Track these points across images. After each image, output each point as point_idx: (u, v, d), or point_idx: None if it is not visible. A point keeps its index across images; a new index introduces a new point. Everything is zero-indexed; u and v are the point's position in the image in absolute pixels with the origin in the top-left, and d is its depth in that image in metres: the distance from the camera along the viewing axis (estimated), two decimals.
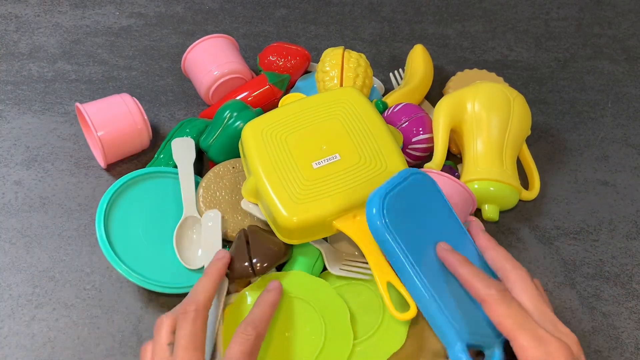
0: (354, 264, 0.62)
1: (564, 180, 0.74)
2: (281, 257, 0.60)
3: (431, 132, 0.70)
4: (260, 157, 0.62)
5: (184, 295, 0.60)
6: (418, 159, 0.71)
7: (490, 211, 0.68)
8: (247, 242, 0.60)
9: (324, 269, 0.64)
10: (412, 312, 0.54)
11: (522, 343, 0.46)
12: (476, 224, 0.58)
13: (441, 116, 0.69)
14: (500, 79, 0.81)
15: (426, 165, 0.67)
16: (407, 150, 0.70)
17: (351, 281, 0.61)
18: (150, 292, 0.63)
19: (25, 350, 0.59)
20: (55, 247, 0.66)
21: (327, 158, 0.61)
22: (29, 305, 0.62)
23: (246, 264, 0.58)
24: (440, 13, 0.95)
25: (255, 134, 0.63)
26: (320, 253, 0.62)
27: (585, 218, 0.71)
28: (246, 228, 0.62)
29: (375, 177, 0.60)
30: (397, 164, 0.61)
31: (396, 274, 0.55)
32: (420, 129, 0.69)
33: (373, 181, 0.59)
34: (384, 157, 0.61)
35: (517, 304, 0.49)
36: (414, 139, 0.69)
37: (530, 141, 0.78)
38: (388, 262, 0.56)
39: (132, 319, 0.61)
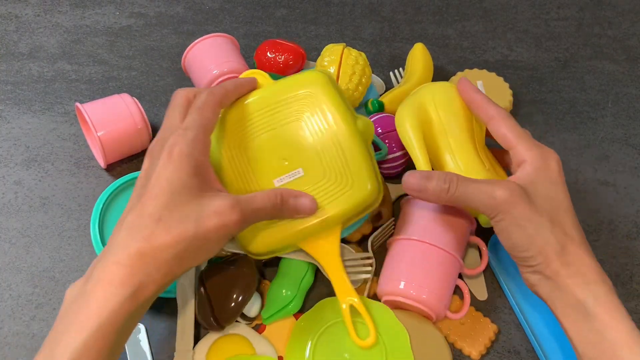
0: (352, 262, 0.61)
1: None
2: (250, 293, 0.56)
3: (400, 150, 0.68)
4: (223, 174, 0.56)
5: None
6: (391, 175, 0.70)
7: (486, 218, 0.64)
8: (207, 294, 0.56)
9: (314, 283, 0.62)
10: (371, 339, 0.54)
11: (520, 148, 0.54)
12: (470, 85, 0.60)
13: (407, 122, 0.61)
14: (501, 79, 0.81)
15: (409, 172, 0.57)
16: (381, 167, 0.68)
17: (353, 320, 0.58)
18: None
19: (25, 350, 0.59)
20: (55, 247, 0.66)
21: (290, 174, 0.55)
22: (29, 305, 0.62)
23: (211, 319, 0.56)
24: (440, 13, 0.95)
25: (213, 143, 0.56)
26: (309, 269, 0.61)
27: (585, 218, 0.71)
28: (201, 275, 0.58)
29: (340, 198, 0.54)
30: (364, 182, 0.55)
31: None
32: (394, 145, 0.67)
33: (337, 202, 0.54)
34: (351, 173, 0.55)
35: (517, 126, 0.56)
36: (389, 156, 0.67)
37: None
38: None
39: None
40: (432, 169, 0.60)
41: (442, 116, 0.61)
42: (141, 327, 0.59)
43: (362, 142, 0.56)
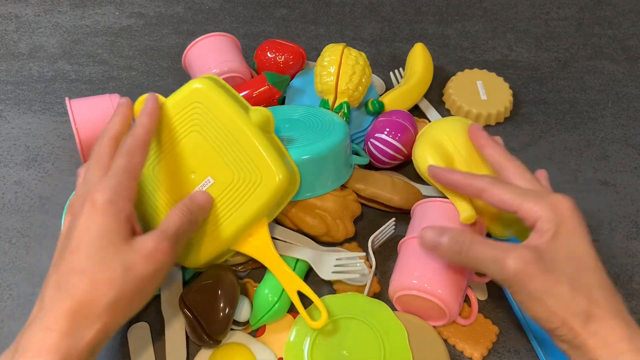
0: (345, 262, 0.61)
1: (564, 180, 0.74)
2: (234, 300, 0.56)
3: (401, 142, 0.68)
4: (138, 209, 0.57)
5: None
6: (375, 158, 0.69)
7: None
8: (193, 314, 0.56)
9: (306, 277, 0.63)
10: (323, 320, 0.54)
11: (526, 206, 0.50)
12: (480, 133, 0.60)
13: (430, 159, 0.62)
14: (501, 79, 0.81)
15: (461, 219, 0.59)
16: (370, 140, 0.69)
17: (346, 316, 0.58)
18: None
19: None
20: (55, 247, 0.66)
21: (201, 185, 0.56)
22: (29, 305, 0.61)
23: (204, 337, 0.55)
24: (440, 13, 0.95)
25: None
26: (296, 262, 0.61)
27: (585, 218, 0.71)
28: (182, 298, 0.57)
29: (254, 194, 0.55)
30: (271, 173, 0.55)
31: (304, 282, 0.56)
32: (392, 132, 0.68)
33: (252, 199, 0.55)
34: (256, 167, 0.55)
35: (514, 185, 0.53)
36: (377, 134, 0.68)
37: (530, 141, 0.78)
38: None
39: (132, 319, 0.61)
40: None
41: (460, 148, 0.62)
42: (145, 325, 0.59)
43: (259, 133, 0.55)
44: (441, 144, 0.63)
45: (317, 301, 0.55)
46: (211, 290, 0.56)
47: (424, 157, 0.63)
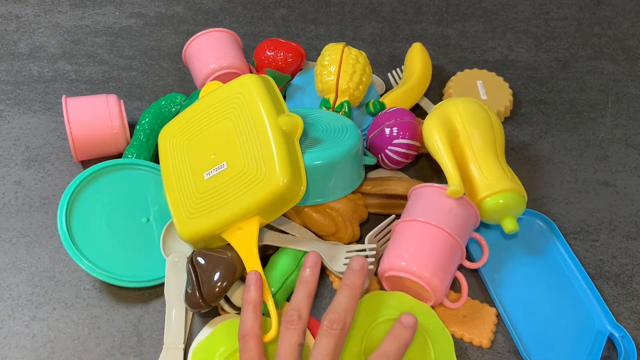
0: (356, 254, 0.62)
1: (564, 180, 0.74)
2: (234, 274, 0.57)
3: (414, 139, 0.68)
4: (164, 169, 0.62)
5: (150, 287, 0.62)
6: (397, 163, 0.69)
7: (512, 224, 0.63)
8: (195, 272, 0.58)
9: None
10: (272, 333, 0.54)
11: None
12: None
13: (435, 132, 0.65)
14: (501, 79, 0.81)
15: (448, 192, 0.60)
16: (386, 151, 0.69)
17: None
18: (150, 292, 0.63)
19: (25, 350, 0.59)
20: (55, 247, 0.66)
21: (216, 167, 0.59)
22: (29, 305, 0.62)
23: (197, 295, 0.57)
24: (440, 13, 0.95)
25: (165, 142, 0.64)
26: (297, 268, 0.61)
27: (585, 218, 0.71)
28: (193, 255, 0.59)
29: (256, 186, 0.56)
30: (276, 173, 0.56)
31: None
32: (402, 133, 0.68)
33: (253, 191, 0.56)
34: (264, 164, 0.57)
35: None
36: (394, 141, 0.68)
37: (530, 141, 0.78)
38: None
39: (132, 319, 0.61)
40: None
41: (467, 127, 0.66)
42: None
43: (279, 135, 0.58)
44: (450, 119, 0.67)
45: (274, 315, 0.55)
46: (218, 260, 0.58)
47: (430, 130, 0.66)
